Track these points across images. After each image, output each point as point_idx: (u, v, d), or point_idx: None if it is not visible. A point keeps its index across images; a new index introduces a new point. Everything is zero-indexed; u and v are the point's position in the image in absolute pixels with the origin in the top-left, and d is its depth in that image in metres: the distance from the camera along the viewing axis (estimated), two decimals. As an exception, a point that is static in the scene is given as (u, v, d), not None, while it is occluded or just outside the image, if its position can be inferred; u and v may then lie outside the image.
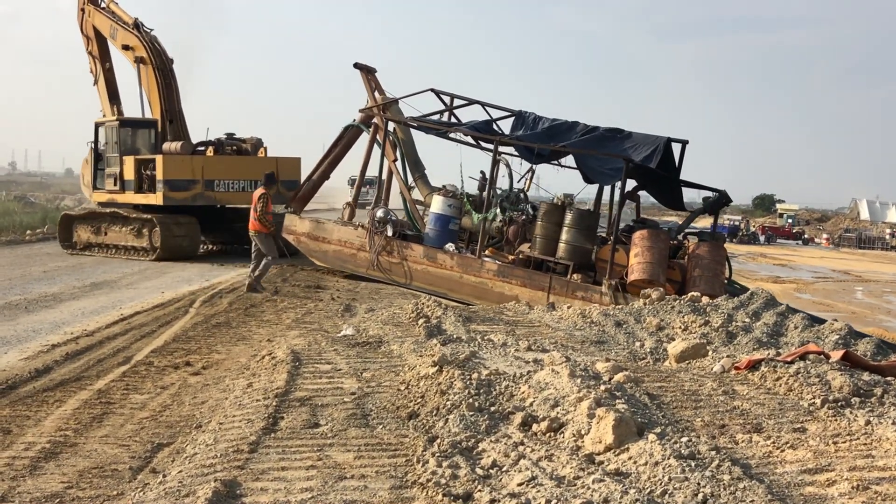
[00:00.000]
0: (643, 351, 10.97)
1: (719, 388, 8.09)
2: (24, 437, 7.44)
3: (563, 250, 17.67)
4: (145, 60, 26.01)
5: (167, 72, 26.20)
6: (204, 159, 25.12)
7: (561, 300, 16.70)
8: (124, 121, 26.57)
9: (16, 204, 46.93)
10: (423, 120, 21.16)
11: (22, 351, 11.24)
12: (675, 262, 16.96)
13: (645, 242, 16.42)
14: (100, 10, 27.40)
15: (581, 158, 19.00)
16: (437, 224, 20.17)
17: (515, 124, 19.89)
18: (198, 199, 24.71)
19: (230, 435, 6.83)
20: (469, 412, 6.84)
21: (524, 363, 8.90)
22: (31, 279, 18.81)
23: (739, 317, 13.18)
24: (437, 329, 11.72)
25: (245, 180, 25.08)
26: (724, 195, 18.24)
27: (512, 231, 19.33)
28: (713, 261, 16.51)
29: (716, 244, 17.10)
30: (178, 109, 26.54)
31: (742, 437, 6.56)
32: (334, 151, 23.40)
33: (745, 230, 70.82)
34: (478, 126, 20.20)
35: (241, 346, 11.87)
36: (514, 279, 18.03)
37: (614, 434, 6.04)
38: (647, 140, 17.54)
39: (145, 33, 26.18)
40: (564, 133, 18.71)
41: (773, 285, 30.06)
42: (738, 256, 45.94)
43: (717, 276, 16.41)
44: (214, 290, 17.69)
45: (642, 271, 16.18)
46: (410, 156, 22.40)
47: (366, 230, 20.53)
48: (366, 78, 23.02)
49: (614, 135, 18.10)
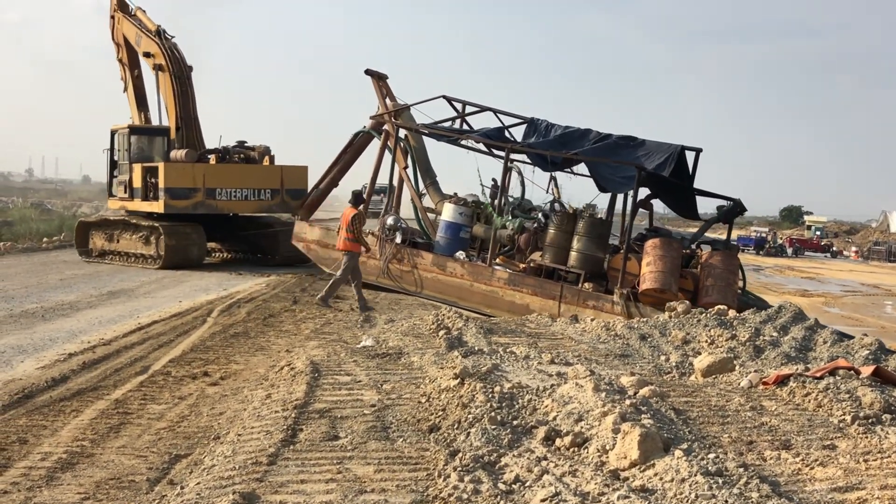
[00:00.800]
0: (669, 365, 10.92)
1: (747, 403, 8.05)
2: (41, 447, 7.47)
3: (575, 259, 17.72)
4: (163, 68, 26.24)
5: (184, 79, 26.38)
6: (205, 167, 25.29)
7: (572, 309, 16.78)
8: (135, 128, 26.86)
9: (33, 211, 47.21)
10: (435, 127, 21.30)
11: (38, 360, 11.30)
12: (688, 272, 16.93)
13: (657, 251, 16.39)
14: (128, 18, 27.75)
15: (593, 166, 18.90)
16: (447, 232, 20.29)
17: (528, 131, 19.95)
18: (199, 207, 24.86)
19: (249, 447, 6.84)
20: (491, 426, 6.82)
21: (547, 376, 8.87)
22: (48, 287, 18.92)
23: (767, 331, 13.11)
24: (459, 341, 11.70)
25: (248, 189, 25.38)
26: (738, 204, 18.10)
27: (523, 239, 19.32)
28: (726, 270, 16.47)
29: (729, 254, 17.03)
30: (193, 117, 26.70)
31: (770, 454, 6.52)
32: (344, 158, 23.54)
33: (773, 242, 70.52)
34: (489, 133, 20.28)
35: (259, 356, 11.90)
36: (524, 288, 18.06)
37: (640, 450, 6.01)
38: (660, 148, 17.52)
39: (166, 41, 26.40)
40: (577, 140, 18.78)
41: (800, 299, 29.90)
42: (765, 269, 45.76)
43: (730, 286, 16.35)
44: (233, 299, 17.75)
45: (654, 280, 16.14)
46: (422, 163, 22.47)
47: (376, 238, 20.65)
48: (377, 84, 23.13)
49: (627, 142, 18.10)
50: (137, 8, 27.76)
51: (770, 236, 73.22)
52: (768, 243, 69.26)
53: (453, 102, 21.61)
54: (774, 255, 66.42)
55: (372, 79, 23.20)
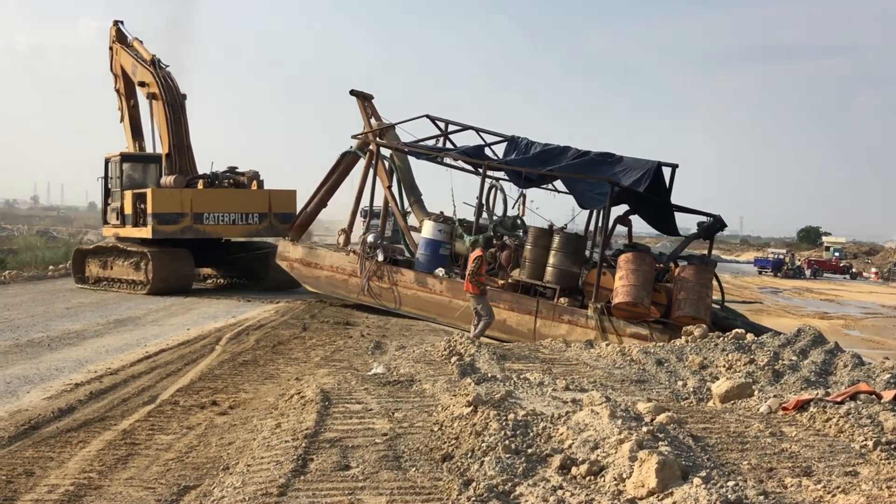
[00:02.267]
0: (686, 390, 10.88)
1: (766, 429, 8.01)
2: (48, 479, 7.48)
3: (551, 274, 18.23)
4: (157, 96, 27.03)
5: (177, 107, 27.11)
6: (193, 192, 25.83)
7: (548, 324, 17.38)
8: (126, 156, 27.71)
9: (38, 239, 47.42)
10: (415, 145, 22.00)
11: (45, 390, 11.33)
12: (661, 286, 17.27)
13: (629, 265, 16.78)
14: (125, 49, 28.58)
15: (570, 183, 19.45)
16: (427, 249, 20.89)
17: (508, 149, 20.72)
18: (187, 231, 25.40)
19: (258, 477, 6.83)
20: (505, 454, 6.81)
21: (562, 403, 8.85)
22: (54, 316, 18.99)
23: (786, 355, 13.07)
24: (471, 367, 11.69)
25: (235, 213, 25.93)
26: (718, 220, 18.46)
27: (505, 256, 19.75)
28: (698, 283, 16.77)
29: (701, 267, 17.39)
30: (186, 144, 27.38)
31: (791, 481, 6.48)
32: (331, 179, 24.12)
33: (790, 264, 70.36)
34: (468, 151, 20.92)
35: (268, 384, 11.90)
36: (501, 303, 18.42)
37: (657, 478, 5.99)
38: (637, 164, 17.98)
39: (160, 69, 27.25)
40: (555, 157, 19.36)
41: (820, 321, 29.83)
42: (784, 291, 45.63)
43: (702, 299, 16.66)
44: (241, 326, 17.78)
45: (626, 294, 16.51)
46: (406, 181, 23.08)
47: (357, 256, 21.33)
48: (362, 105, 23.88)
49: (605, 159, 18.66)
50: (134, 38, 28.61)
51: (788, 258, 73.04)
52: (786, 265, 69.13)
53: (437, 121, 22.33)
54: (792, 276, 66.32)
55: (357, 99, 23.97)
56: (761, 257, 77.12)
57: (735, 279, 55.35)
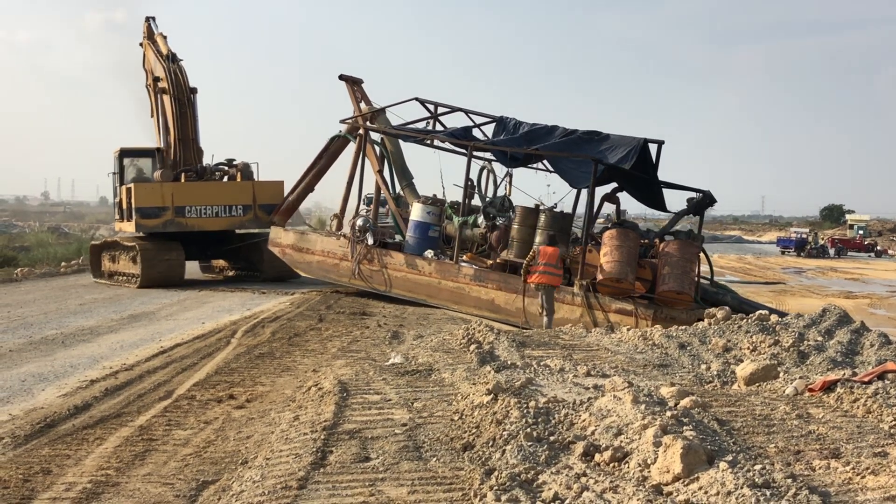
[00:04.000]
0: (710, 374, 10.85)
1: (793, 411, 7.99)
2: (65, 478, 7.50)
3: None
4: (166, 90, 27.56)
5: (184, 101, 27.60)
6: (174, 186, 26.27)
7: (535, 303, 17.45)
8: (126, 150, 28.17)
9: (50, 235, 47.59)
10: (401, 128, 22.55)
11: (60, 387, 11.36)
12: (647, 262, 17.55)
13: (613, 242, 17.06)
14: (151, 46, 28.96)
15: (555, 161, 19.80)
16: (416, 231, 21.37)
17: (497, 130, 21.04)
18: (169, 225, 25.98)
19: (278, 470, 6.85)
20: (527, 442, 6.80)
21: (583, 389, 8.84)
22: (68, 312, 19.07)
23: (811, 335, 13.01)
24: (490, 355, 11.69)
25: (218, 206, 26.41)
26: (707, 195, 18.70)
27: (495, 237, 20.18)
28: (682, 258, 16.96)
29: (686, 242, 17.55)
30: (192, 137, 27.93)
31: (819, 464, 6.45)
32: (319, 163, 24.65)
33: (814, 243, 70.01)
34: (455, 132, 21.27)
35: (285, 377, 11.91)
36: (489, 283, 18.99)
37: (683, 463, 5.97)
38: (623, 141, 18.18)
39: (173, 64, 27.73)
40: (543, 137, 19.64)
41: (845, 301, 29.63)
42: (807, 271, 45.44)
43: (686, 273, 16.86)
44: (256, 319, 17.81)
45: (610, 270, 16.85)
46: (398, 165, 23.62)
47: (347, 240, 21.86)
48: (351, 89, 24.42)
49: (591, 137, 18.86)
50: (159, 34, 28.92)
51: (811, 237, 72.69)
52: (809, 244, 68.79)
53: (426, 104, 22.89)
54: (816, 256, 65.98)
55: (346, 83, 24.50)
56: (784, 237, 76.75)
57: (758, 260, 55.20)
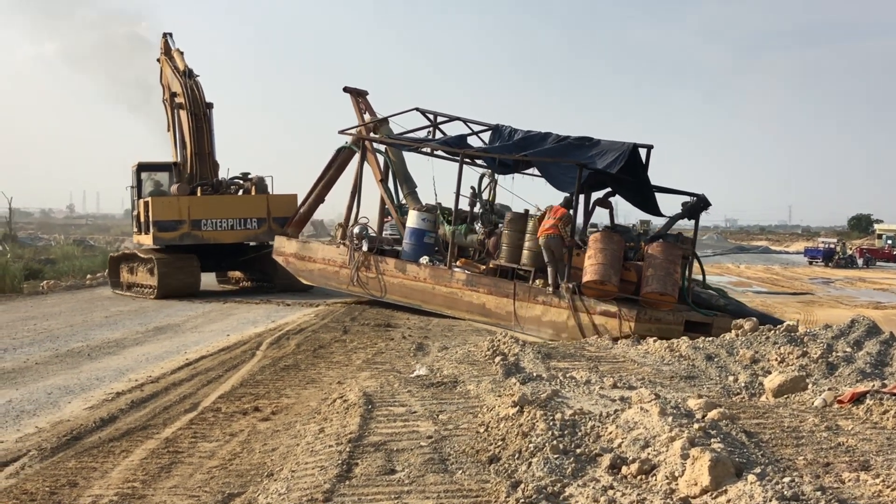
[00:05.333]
0: (737, 386, 10.81)
1: (822, 423, 7.94)
2: (91, 490, 7.55)
3: (526, 257, 19.06)
4: (182, 105, 28.12)
5: (200, 116, 28.18)
6: (190, 200, 26.88)
7: (525, 306, 18.26)
8: (143, 165, 28.78)
9: (75, 248, 47.95)
10: (398, 137, 23.29)
11: (86, 400, 11.44)
12: (632, 264, 17.72)
13: (597, 245, 17.36)
14: (168, 62, 29.53)
15: (544, 167, 20.16)
16: (412, 238, 21.92)
17: (492, 137, 21.60)
18: (185, 238, 26.59)
19: (303, 483, 6.87)
20: (553, 455, 6.79)
21: (610, 401, 8.82)
22: (94, 325, 19.20)
23: (840, 346, 12.94)
24: (516, 367, 11.69)
25: (233, 219, 27.00)
26: (702, 199, 18.81)
27: (492, 242, 20.52)
28: (666, 260, 17.12)
29: (669, 244, 17.65)
30: (207, 152, 28.46)
31: (849, 476, 6.41)
32: (328, 174, 25.19)
33: (842, 253, 69.53)
34: (448, 141, 21.89)
35: (310, 389, 11.94)
36: (481, 287, 19.51)
37: (711, 475, 5.95)
38: (612, 146, 18.38)
39: (190, 80, 28.32)
40: (536, 143, 20.02)
41: (874, 312, 29.39)
42: (836, 281, 45.17)
43: (670, 275, 17.03)
44: (281, 331, 17.86)
45: (594, 273, 17.12)
46: (401, 173, 24.08)
47: (346, 247, 22.52)
48: (355, 101, 25.12)
49: (582, 143, 19.09)
50: (176, 50, 29.43)
51: (839, 247, 72.19)
52: (837, 254, 68.31)
53: (426, 114, 23.43)
54: (844, 266, 65.45)
55: (351, 96, 25.19)
56: (811, 247, 76.28)
57: (785, 270, 54.90)
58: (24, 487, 7.62)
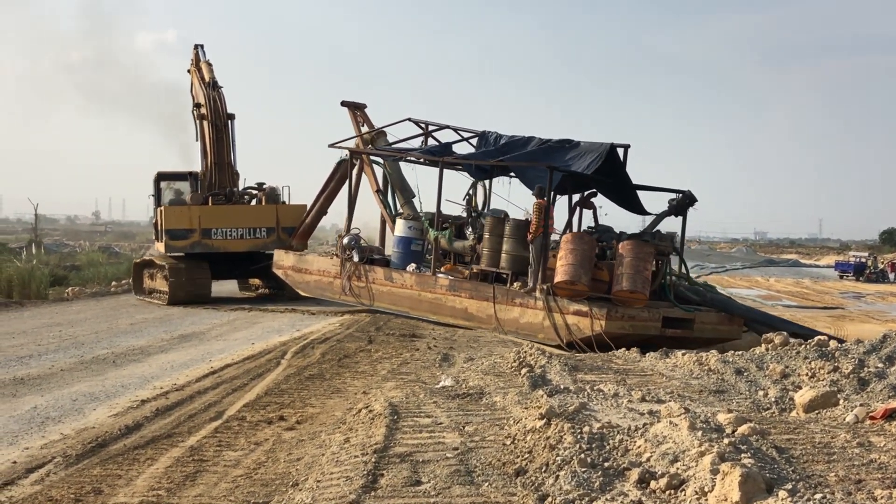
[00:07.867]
0: (767, 400, 10.74)
1: (853, 439, 7.88)
2: (116, 498, 7.59)
3: (505, 260, 19.52)
4: (205, 116, 28.79)
5: (220, 126, 28.87)
6: (201, 209, 27.54)
7: (504, 308, 18.77)
8: (162, 174, 29.54)
9: (101, 255, 48.27)
10: (383, 148, 24.20)
11: (111, 407, 11.50)
12: (604, 263, 18.07)
13: (568, 246, 17.70)
14: (197, 73, 30.22)
15: (520, 171, 20.64)
16: (399, 246, 22.60)
17: (479, 144, 22.32)
18: (196, 246, 27.24)
19: (328, 493, 6.87)
20: (581, 468, 6.77)
21: (638, 415, 8.79)
22: (119, 332, 19.31)
23: (872, 362, 12.84)
24: (542, 379, 11.67)
25: (243, 228, 27.63)
26: (688, 195, 19.10)
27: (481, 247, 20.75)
28: (636, 258, 17.34)
29: (639, 242, 17.84)
30: (227, 162, 29.18)
31: (881, 493, 6.35)
32: (329, 187, 26.12)
33: (873, 267, 69.03)
34: (431, 149, 22.83)
35: (336, 398, 11.96)
36: (462, 292, 20.01)
37: (741, 491, 5.91)
38: (591, 148, 18.85)
39: (213, 90, 29.01)
40: (519, 148, 20.61)
41: (906, 327, 29.21)
42: (867, 296, 44.84)
43: (640, 273, 17.26)
44: (306, 340, 17.90)
45: (564, 273, 17.44)
46: (397, 183, 24.56)
47: (338, 258, 23.23)
48: (353, 115, 25.93)
49: (562, 145, 19.62)
50: (205, 62, 30.09)
51: (870, 261, 71.67)
52: (868, 269, 67.82)
53: (419, 123, 24.40)
54: (875, 280, 64.97)
55: (349, 109, 26.02)
56: (842, 261, 75.77)
57: (815, 284, 54.55)
58: (49, 494, 7.67)
